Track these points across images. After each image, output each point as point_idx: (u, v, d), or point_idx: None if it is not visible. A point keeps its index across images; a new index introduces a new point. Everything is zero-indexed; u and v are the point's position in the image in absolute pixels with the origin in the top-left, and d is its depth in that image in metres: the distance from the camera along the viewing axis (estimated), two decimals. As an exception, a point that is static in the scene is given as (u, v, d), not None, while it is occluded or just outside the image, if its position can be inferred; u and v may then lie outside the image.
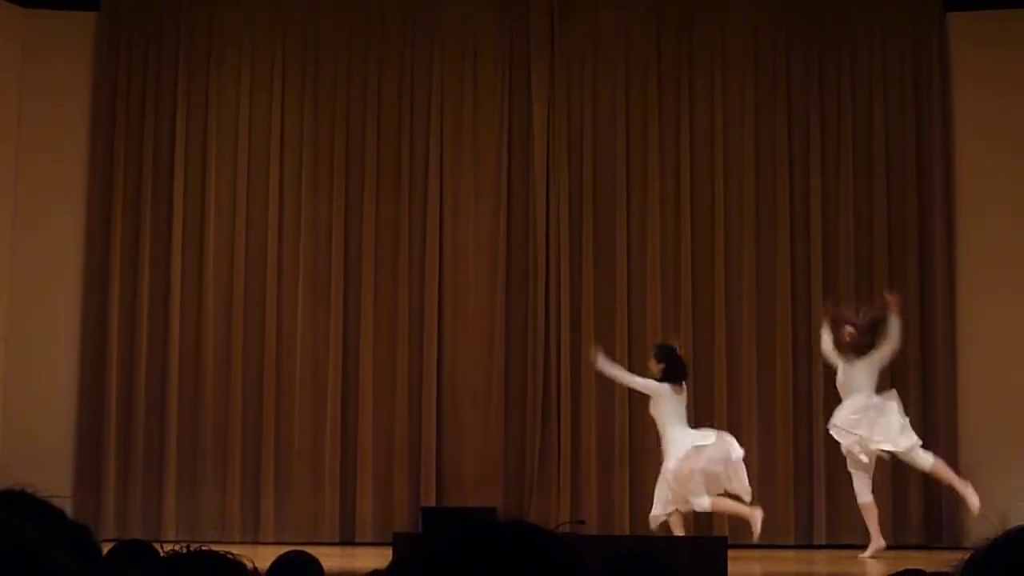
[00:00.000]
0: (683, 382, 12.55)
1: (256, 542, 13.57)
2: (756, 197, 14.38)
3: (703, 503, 12.33)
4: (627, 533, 13.44)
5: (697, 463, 12.26)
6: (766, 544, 13.39)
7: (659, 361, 12.56)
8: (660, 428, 12.55)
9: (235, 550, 2.90)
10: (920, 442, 12.64)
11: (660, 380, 12.46)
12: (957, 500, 12.99)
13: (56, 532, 1.69)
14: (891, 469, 13.81)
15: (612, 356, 13.74)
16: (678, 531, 12.29)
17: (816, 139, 14.40)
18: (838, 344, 12.75)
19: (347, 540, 13.90)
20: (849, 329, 12.69)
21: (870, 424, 12.54)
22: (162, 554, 2.93)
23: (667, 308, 14.28)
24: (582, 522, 12.07)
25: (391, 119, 14.55)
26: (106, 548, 4.28)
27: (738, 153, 14.44)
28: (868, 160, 14.36)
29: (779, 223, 14.33)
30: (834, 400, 14.04)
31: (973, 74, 14.34)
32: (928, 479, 13.71)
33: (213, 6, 14.63)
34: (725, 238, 14.32)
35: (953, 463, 13.74)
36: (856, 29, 14.51)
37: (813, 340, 14.06)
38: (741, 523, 12.69)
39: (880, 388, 12.84)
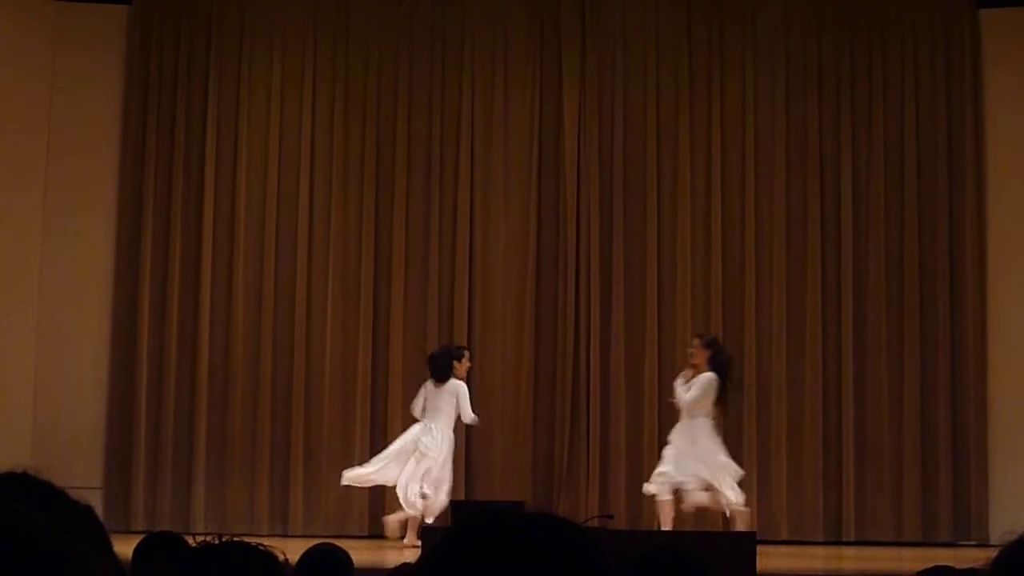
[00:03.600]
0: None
1: (285, 535, 13.60)
2: (787, 190, 14.34)
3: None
4: (656, 528, 13.42)
5: None
6: (795, 540, 13.39)
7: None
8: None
9: (264, 543, 2.91)
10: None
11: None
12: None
13: (58, 513, 1.70)
14: (920, 467, 13.79)
15: (642, 351, 13.76)
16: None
17: (847, 133, 14.35)
18: None
19: (376, 534, 13.91)
20: None
21: None
22: (193, 545, 2.94)
23: (697, 303, 14.26)
24: (611, 516, 12.04)
25: (422, 113, 14.56)
26: (136, 540, 4.31)
27: (769, 147, 14.40)
28: (899, 154, 14.30)
29: (809, 217, 14.28)
30: (861, 396, 14.01)
31: (1005, 69, 14.26)
32: (959, 477, 13.72)
33: (244, 1, 14.65)
34: (756, 233, 14.29)
35: (982, 463, 13.71)
36: (888, 25, 14.46)
37: (843, 336, 14.03)
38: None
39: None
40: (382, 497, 14.01)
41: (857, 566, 12.92)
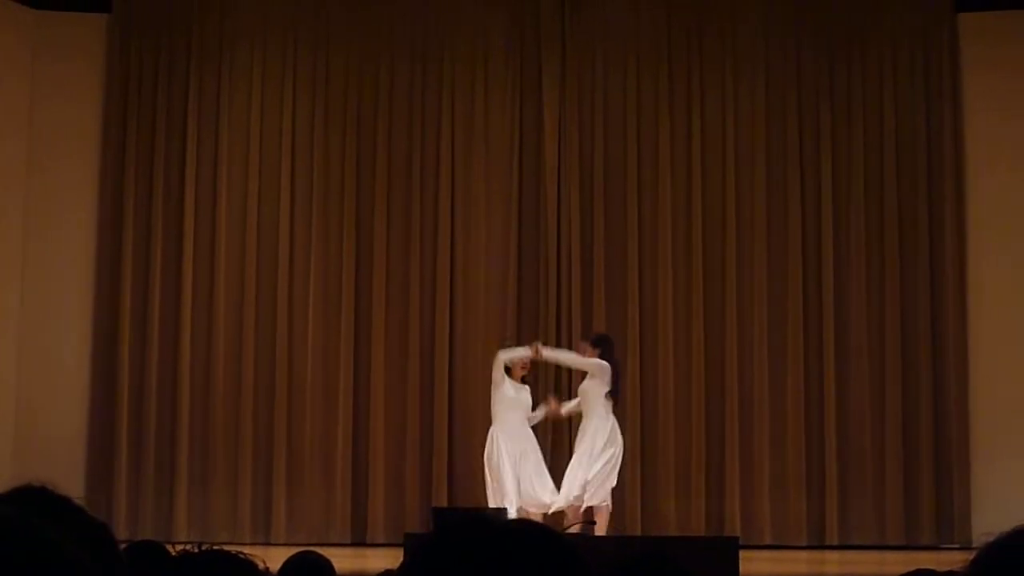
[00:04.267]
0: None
1: (267, 543, 13.57)
2: (767, 194, 14.36)
3: None
4: (638, 533, 13.43)
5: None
6: (778, 545, 13.41)
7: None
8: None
9: (246, 551, 2.90)
10: None
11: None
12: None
13: (74, 529, 1.69)
14: (903, 471, 13.82)
15: (624, 357, 13.70)
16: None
17: (827, 137, 14.38)
18: None
19: (359, 541, 13.89)
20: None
21: None
22: (174, 554, 2.94)
23: (679, 309, 14.26)
24: (593, 523, 12.03)
25: (402, 120, 14.56)
26: (118, 549, 4.29)
27: (749, 151, 14.43)
28: (879, 158, 14.33)
29: (790, 221, 14.31)
30: (844, 401, 14.02)
31: (983, 72, 14.31)
32: (941, 480, 13.75)
33: (224, 8, 14.64)
34: (737, 237, 14.31)
35: (964, 467, 13.74)
36: (867, 29, 14.49)
37: (825, 340, 14.05)
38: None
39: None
40: (364, 506, 14.01)
41: (840, 570, 12.94)
